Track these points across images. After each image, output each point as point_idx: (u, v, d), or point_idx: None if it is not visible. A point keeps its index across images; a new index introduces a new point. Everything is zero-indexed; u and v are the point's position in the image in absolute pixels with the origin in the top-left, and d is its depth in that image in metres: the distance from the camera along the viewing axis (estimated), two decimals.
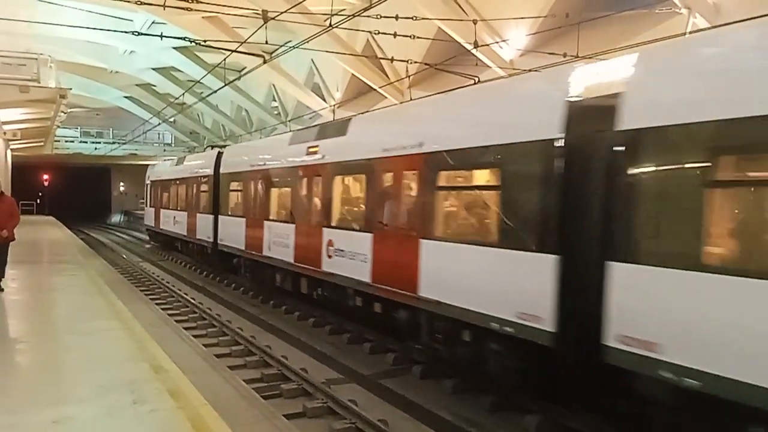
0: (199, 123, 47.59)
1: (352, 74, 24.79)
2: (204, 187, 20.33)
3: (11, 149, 31.37)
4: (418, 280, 8.71)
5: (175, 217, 24.06)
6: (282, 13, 12.43)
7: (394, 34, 12.76)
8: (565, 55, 11.85)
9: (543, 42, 16.27)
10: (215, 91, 23.52)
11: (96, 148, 50.82)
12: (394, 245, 9.47)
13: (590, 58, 8.84)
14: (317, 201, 12.25)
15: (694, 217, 5.22)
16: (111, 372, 6.74)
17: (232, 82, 20.33)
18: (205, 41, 15.44)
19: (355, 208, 11.30)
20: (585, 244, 6.37)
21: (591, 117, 6.39)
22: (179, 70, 33.84)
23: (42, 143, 33.31)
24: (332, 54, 20.02)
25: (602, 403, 6.74)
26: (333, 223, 11.55)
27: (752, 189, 5.34)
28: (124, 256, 26.91)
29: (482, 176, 8.18)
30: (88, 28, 18.88)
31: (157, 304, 13.80)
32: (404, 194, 9.37)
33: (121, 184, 59.32)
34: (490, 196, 7.84)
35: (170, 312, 13.53)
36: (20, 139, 28.43)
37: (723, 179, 5.25)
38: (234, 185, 17.44)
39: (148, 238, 32.18)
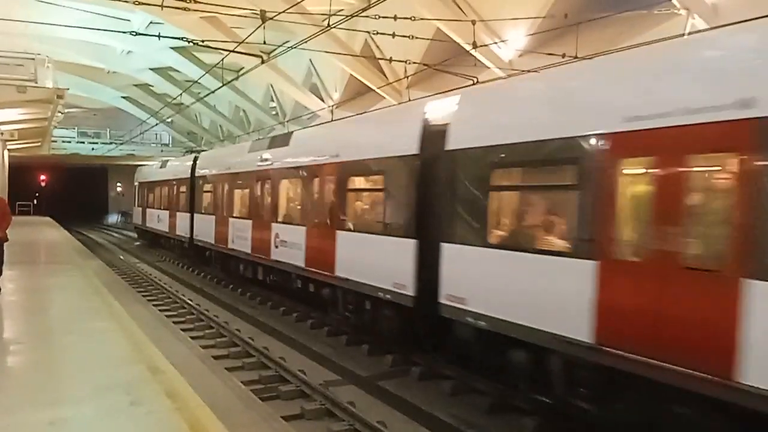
0: (197, 123, 47.45)
1: (351, 75, 24.74)
2: (182, 189, 22.77)
3: (8, 149, 31.25)
4: (335, 263, 11.03)
5: (158, 216, 26.72)
6: (280, 13, 12.40)
7: (393, 35, 12.74)
8: (563, 56, 11.82)
9: (542, 43, 16.24)
10: (213, 92, 23.51)
11: (93, 149, 50.67)
12: (320, 236, 11.84)
13: (589, 58, 8.90)
14: (268, 200, 14.69)
15: (481, 211, 7.78)
16: (108, 373, 6.70)
17: (230, 82, 20.28)
18: (202, 41, 15.42)
19: (295, 206, 13.62)
20: (431, 231, 8.68)
21: (434, 140, 8.62)
22: (177, 71, 33.76)
23: (39, 143, 33.11)
24: (330, 54, 19.98)
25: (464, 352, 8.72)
26: (279, 219, 13.98)
27: (511, 192, 8.00)
28: (121, 257, 26.87)
29: (373, 181, 10.72)
30: (85, 28, 18.85)
31: (154, 305, 13.76)
32: (327, 194, 11.75)
33: (119, 184, 59.12)
34: (378, 196, 10.43)
35: (168, 313, 13.49)
36: (17, 140, 28.31)
37: (495, 185, 7.76)
38: (206, 187, 20.09)
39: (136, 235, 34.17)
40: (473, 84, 11.82)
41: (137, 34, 12.94)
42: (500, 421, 7.70)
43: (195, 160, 22.01)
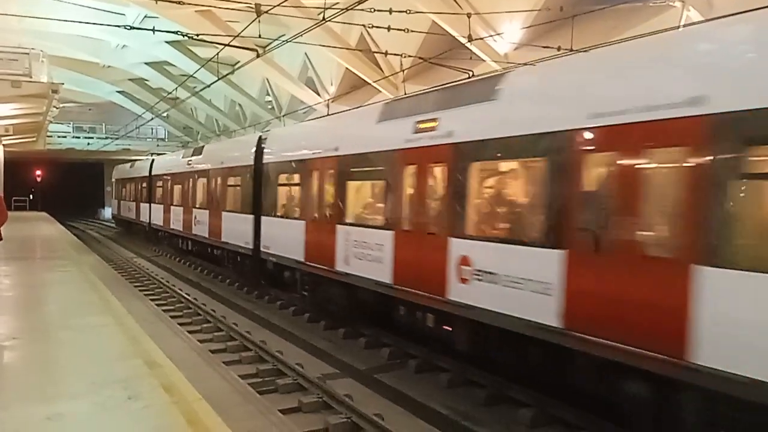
0: (193, 118, 47.26)
1: (347, 68, 24.67)
2: (144, 184, 29.75)
3: (3, 145, 31.13)
4: (221, 233, 17.61)
5: (129, 206, 33.86)
6: (275, 6, 12.34)
7: (388, 28, 12.67)
8: (559, 49, 11.80)
9: (537, 35, 16.20)
10: (208, 86, 23.37)
11: (89, 144, 50.40)
12: (215, 216, 18.36)
13: (584, 51, 8.88)
14: (191, 192, 21.31)
15: (274, 197, 14.17)
16: (105, 368, 6.71)
17: (225, 76, 20.21)
18: (197, 35, 15.31)
19: (206, 197, 19.66)
20: (259, 210, 14.81)
21: (259, 156, 15.15)
22: (172, 65, 33.59)
23: (34, 139, 32.91)
24: (326, 48, 19.90)
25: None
26: (196, 206, 20.58)
27: (284, 187, 13.90)
28: (118, 251, 26.82)
29: (235, 180, 17.10)
30: (80, 22, 18.74)
31: (151, 299, 13.75)
32: (218, 188, 18.54)
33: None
34: (239, 188, 16.75)
35: (164, 307, 13.50)
36: (12, 135, 28.16)
37: (279, 183, 13.94)
38: (158, 183, 26.93)
39: (115, 224, 41.52)
40: (469, 77, 11.74)
41: (132, 28, 12.86)
42: (496, 413, 7.74)
43: (152, 162, 29.37)
